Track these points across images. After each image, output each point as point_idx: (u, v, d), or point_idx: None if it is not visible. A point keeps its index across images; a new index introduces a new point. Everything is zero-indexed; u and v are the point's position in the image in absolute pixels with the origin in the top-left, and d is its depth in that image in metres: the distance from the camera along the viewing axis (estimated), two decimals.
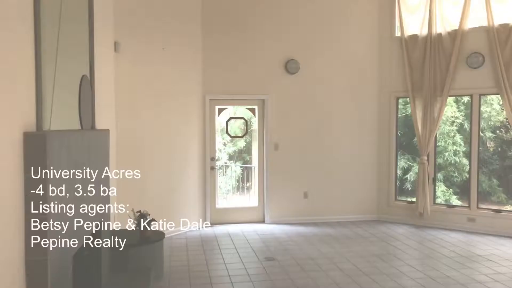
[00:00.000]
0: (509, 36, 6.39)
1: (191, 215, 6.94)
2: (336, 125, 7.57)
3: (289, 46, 7.34)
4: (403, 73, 7.28)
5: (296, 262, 5.41)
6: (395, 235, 6.70)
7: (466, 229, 6.85)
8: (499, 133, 8.89)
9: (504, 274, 4.94)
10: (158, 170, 6.41)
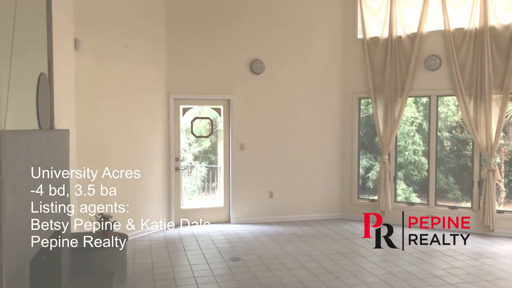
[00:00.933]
0: (463, 40, 6.67)
1: (155, 216, 6.84)
2: (300, 125, 7.67)
3: (254, 46, 7.37)
4: (365, 74, 7.47)
5: (261, 261, 5.43)
6: (358, 232, 6.85)
7: (425, 225, 7.08)
8: (455, 133, 9.28)
9: (460, 268, 5.15)
10: (121, 170, 6.26)
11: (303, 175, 7.68)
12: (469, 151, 7.94)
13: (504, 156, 8.64)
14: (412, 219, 7.20)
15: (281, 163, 7.56)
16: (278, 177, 7.57)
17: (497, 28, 6.43)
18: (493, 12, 6.46)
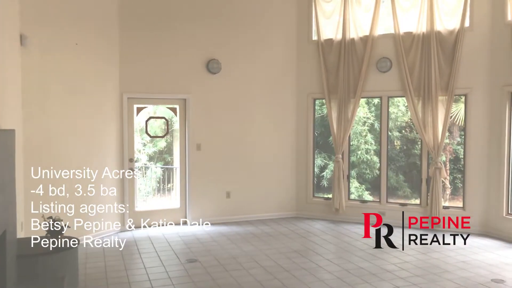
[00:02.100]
0: (412, 43, 6.96)
1: (109, 219, 6.63)
2: (257, 125, 7.70)
3: (210, 46, 7.32)
4: (320, 75, 7.61)
5: (218, 262, 5.40)
6: (313, 230, 6.98)
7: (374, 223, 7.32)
8: (405, 133, 9.67)
9: (409, 263, 5.37)
10: (72, 171, 6.02)
11: (259, 175, 7.72)
12: (418, 150, 8.29)
13: (449, 155, 9.09)
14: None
15: (238, 163, 7.56)
16: (235, 177, 7.56)
17: (443, 32, 6.76)
18: (438, 17, 6.78)
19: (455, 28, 6.68)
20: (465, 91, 6.77)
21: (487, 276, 4.89)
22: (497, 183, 6.50)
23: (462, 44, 6.64)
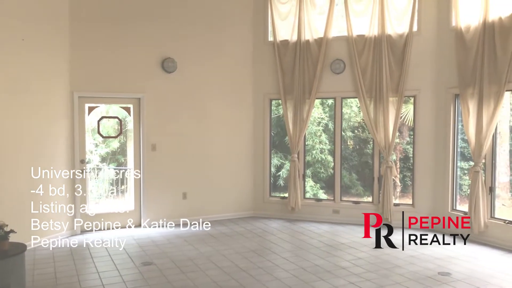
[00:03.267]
0: (364, 46, 7.18)
1: (59, 223, 6.36)
2: (213, 125, 7.65)
3: (166, 44, 7.20)
4: (276, 76, 7.68)
5: (174, 264, 5.32)
6: (270, 229, 7.04)
7: (332, 221, 7.51)
8: (357, 133, 9.96)
9: (363, 259, 5.53)
10: (18, 175, 5.74)
11: (216, 175, 7.68)
12: (370, 150, 8.56)
13: (399, 154, 9.46)
14: (320, 214, 7.58)
15: (194, 163, 7.48)
16: (192, 177, 7.48)
17: (393, 36, 7.02)
18: (389, 21, 7.04)
19: (404, 32, 6.96)
20: (414, 93, 7.07)
21: (434, 269, 5.13)
22: (443, 180, 6.84)
23: (411, 47, 6.92)
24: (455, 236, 6.52)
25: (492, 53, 5.98)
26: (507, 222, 6.04)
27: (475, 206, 6.16)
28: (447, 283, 4.69)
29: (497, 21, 5.90)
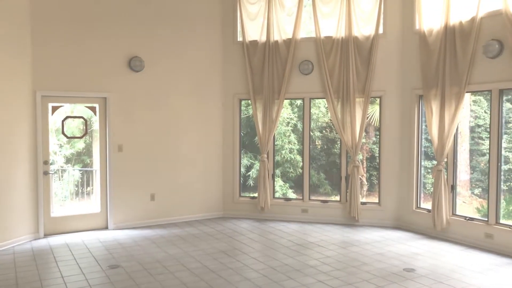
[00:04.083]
0: (332, 47, 7.28)
1: (20, 227, 6.15)
2: (182, 125, 7.58)
3: (133, 43, 7.07)
4: (245, 76, 7.69)
5: (142, 267, 5.24)
6: (240, 230, 7.04)
7: (300, 220, 7.59)
8: (325, 133, 10.11)
9: (331, 257, 5.61)
10: None
11: (185, 176, 7.61)
12: (337, 149, 8.70)
13: (366, 153, 9.67)
14: (289, 213, 7.66)
15: (162, 164, 7.39)
16: (160, 178, 7.38)
17: (359, 38, 7.16)
18: (356, 23, 7.17)
19: (371, 34, 7.11)
20: (380, 94, 7.23)
21: (400, 266, 5.27)
22: (408, 179, 7.04)
23: (377, 49, 7.08)
24: (418, 233, 6.75)
25: (453, 56, 6.20)
26: (467, 218, 6.28)
27: (438, 203, 6.36)
28: (411, 279, 4.83)
29: (458, 25, 6.12)
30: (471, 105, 8.00)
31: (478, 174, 7.92)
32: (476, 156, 7.99)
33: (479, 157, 7.91)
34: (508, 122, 7.01)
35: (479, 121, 7.97)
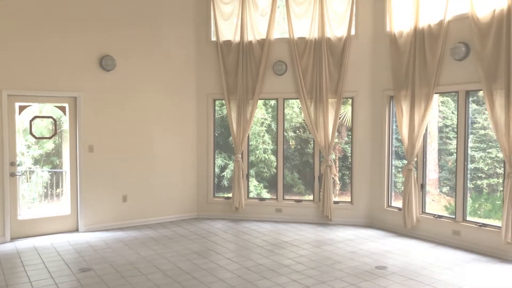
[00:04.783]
0: (305, 48, 7.35)
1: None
2: (155, 125, 7.49)
3: (104, 41, 6.93)
4: (219, 76, 7.66)
5: (114, 269, 5.14)
6: (214, 230, 7.01)
7: (275, 219, 7.62)
8: (299, 133, 10.19)
9: (305, 256, 5.66)
10: None
11: (158, 177, 7.52)
12: (311, 149, 8.79)
13: (338, 153, 9.80)
14: (263, 213, 7.68)
15: (135, 164, 7.28)
16: (132, 179, 7.27)
17: (332, 39, 7.25)
18: (328, 25, 7.26)
19: (343, 35, 7.21)
20: (352, 94, 7.34)
21: (372, 264, 5.36)
22: (379, 178, 7.17)
23: (349, 51, 7.19)
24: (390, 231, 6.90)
25: (422, 58, 6.36)
26: (436, 216, 6.45)
27: (408, 202, 6.52)
28: (383, 276, 4.92)
29: (427, 28, 6.28)
30: (440, 106, 8.23)
31: (446, 173, 8.16)
32: (444, 156, 8.23)
33: (447, 156, 8.15)
34: (474, 122, 7.25)
35: (447, 121, 8.21)
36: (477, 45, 5.66)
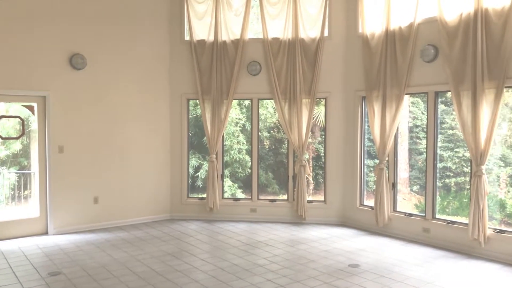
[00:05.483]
0: (279, 49, 7.38)
1: None
2: (128, 125, 7.37)
3: (75, 39, 6.77)
4: (193, 76, 7.61)
5: (86, 272, 5.03)
6: (188, 231, 6.95)
7: (249, 219, 7.63)
8: (273, 133, 10.23)
9: (279, 256, 5.69)
10: None
11: (131, 178, 7.41)
12: (285, 149, 8.84)
13: (312, 153, 9.90)
14: (238, 213, 7.68)
15: (107, 165, 7.14)
16: (104, 180, 7.13)
17: (306, 40, 7.31)
18: (302, 26, 7.31)
19: (316, 36, 7.28)
20: (325, 95, 7.43)
21: (345, 262, 5.44)
22: (352, 177, 7.29)
23: (322, 51, 7.26)
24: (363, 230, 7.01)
25: (393, 59, 6.49)
26: (407, 214, 6.60)
27: (380, 200, 6.64)
28: (356, 274, 5.00)
29: (398, 30, 6.42)
30: (410, 107, 8.43)
31: (416, 172, 8.36)
32: (414, 155, 8.43)
33: (417, 155, 8.35)
34: (443, 122, 7.45)
35: (417, 121, 8.41)
36: (445, 48, 5.83)
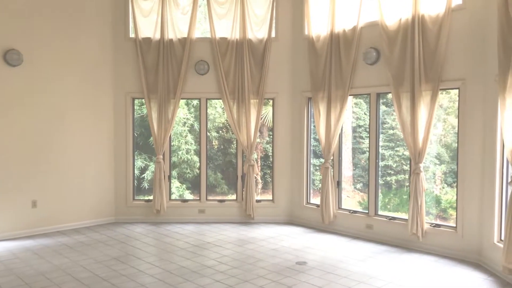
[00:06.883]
0: (227, 48, 7.37)
1: None
2: (68, 126, 7.04)
3: (8, 33, 6.36)
4: (139, 74, 7.41)
5: (23, 281, 4.74)
6: (134, 235, 6.76)
7: (198, 220, 7.55)
8: (222, 133, 10.20)
9: (228, 256, 5.68)
10: None
11: (73, 180, 7.08)
12: (234, 149, 8.85)
13: (260, 153, 9.98)
14: (186, 215, 7.58)
15: (46, 167, 6.78)
16: (43, 183, 6.76)
17: (253, 41, 7.35)
18: (250, 26, 7.35)
19: (264, 37, 7.34)
20: (273, 95, 7.51)
21: (293, 260, 5.53)
22: (299, 176, 7.42)
23: (270, 52, 7.34)
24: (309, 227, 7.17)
25: (338, 61, 6.69)
26: (351, 211, 6.83)
27: (325, 199, 6.82)
28: (303, 271, 5.10)
29: (342, 33, 6.62)
30: (353, 107, 8.73)
31: (360, 170, 8.66)
32: (358, 154, 8.74)
33: (360, 154, 8.66)
34: (384, 123, 7.78)
35: (360, 121, 8.73)
36: (386, 51, 6.09)
